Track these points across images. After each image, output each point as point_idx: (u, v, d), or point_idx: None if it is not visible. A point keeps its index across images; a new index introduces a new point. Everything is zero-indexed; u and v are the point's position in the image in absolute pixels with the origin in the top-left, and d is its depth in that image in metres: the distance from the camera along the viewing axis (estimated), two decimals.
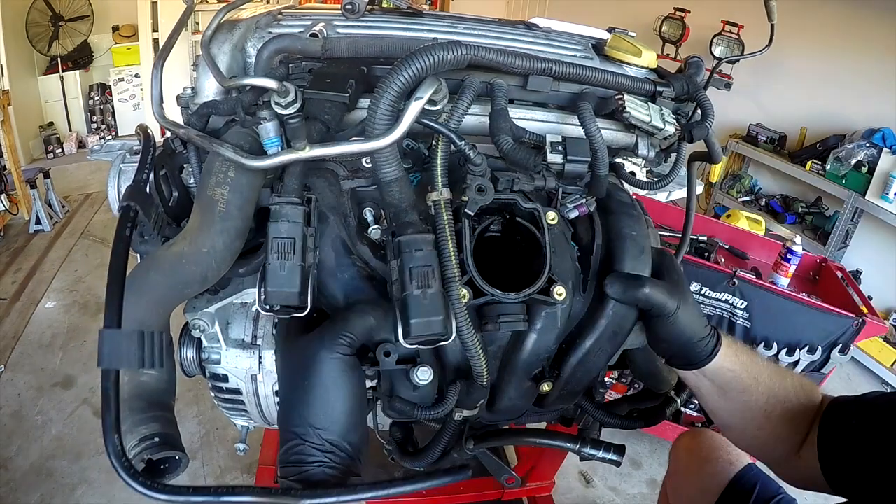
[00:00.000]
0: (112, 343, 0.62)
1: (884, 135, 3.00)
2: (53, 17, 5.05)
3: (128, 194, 0.72)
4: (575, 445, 0.78)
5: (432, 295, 0.70)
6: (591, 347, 0.82)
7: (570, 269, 0.81)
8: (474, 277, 0.71)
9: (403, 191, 0.75)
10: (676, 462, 1.35)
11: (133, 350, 0.63)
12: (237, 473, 2.17)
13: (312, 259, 0.75)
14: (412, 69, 0.68)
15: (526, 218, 0.77)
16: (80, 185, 4.58)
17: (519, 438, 0.80)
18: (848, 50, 3.35)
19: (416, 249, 0.71)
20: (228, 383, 0.92)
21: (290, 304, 0.72)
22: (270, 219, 0.72)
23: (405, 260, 0.71)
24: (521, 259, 0.80)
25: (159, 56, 0.83)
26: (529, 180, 0.81)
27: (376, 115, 0.70)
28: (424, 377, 0.80)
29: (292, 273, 0.71)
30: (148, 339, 0.64)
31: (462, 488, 1.93)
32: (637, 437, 2.48)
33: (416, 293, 0.69)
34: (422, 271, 0.70)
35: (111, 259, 0.66)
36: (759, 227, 2.86)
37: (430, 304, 0.70)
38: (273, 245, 0.71)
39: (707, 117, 0.88)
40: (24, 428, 2.29)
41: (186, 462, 0.71)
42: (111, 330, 0.61)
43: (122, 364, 0.63)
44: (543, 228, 0.75)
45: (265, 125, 0.69)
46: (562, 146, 0.78)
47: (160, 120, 0.80)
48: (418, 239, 0.72)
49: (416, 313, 0.69)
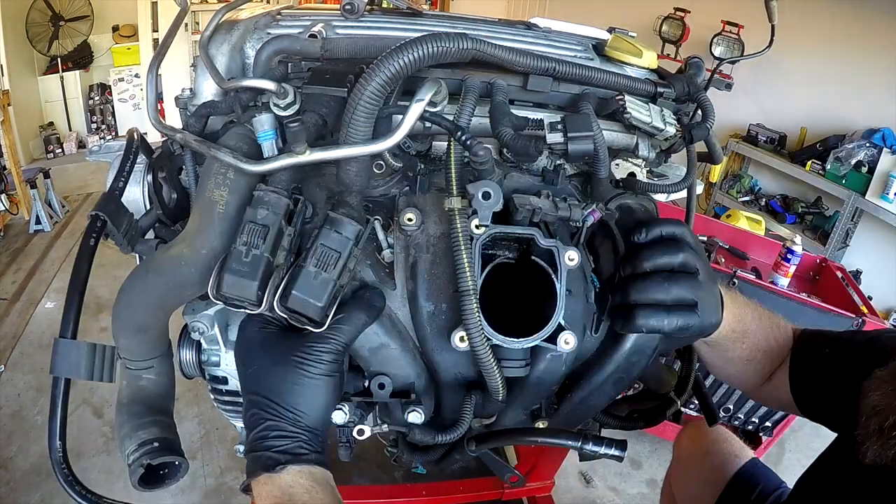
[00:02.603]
0: (64, 353, 0.64)
1: (884, 135, 2.99)
2: (53, 17, 5.05)
3: (99, 203, 0.71)
4: (577, 443, 0.77)
5: (324, 279, 0.66)
6: (594, 390, 0.78)
7: (584, 311, 0.76)
8: None
9: (359, 174, 0.72)
10: (679, 454, 1.35)
11: (83, 362, 0.65)
12: (237, 473, 2.17)
13: (283, 260, 0.69)
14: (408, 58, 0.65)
15: (542, 257, 0.72)
16: (80, 185, 4.58)
17: (520, 438, 0.79)
18: (848, 50, 3.35)
19: (336, 230, 0.68)
20: (228, 385, 0.92)
21: (245, 298, 0.65)
22: (250, 204, 0.67)
23: (321, 234, 0.68)
24: (534, 288, 0.75)
25: (154, 60, 0.82)
26: (553, 209, 0.75)
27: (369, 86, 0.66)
28: (416, 419, 0.79)
29: (256, 263, 0.65)
30: (99, 352, 0.65)
31: (462, 488, 1.93)
32: (637, 438, 2.48)
33: (311, 269, 0.66)
34: (328, 253, 0.67)
35: (73, 268, 0.67)
36: (759, 227, 2.86)
37: (317, 286, 0.66)
38: (244, 229, 0.65)
39: (707, 118, 0.88)
40: (24, 428, 2.29)
41: (186, 467, 0.71)
42: (65, 340, 0.63)
43: (71, 373, 0.65)
44: (561, 271, 0.69)
45: (259, 118, 0.68)
46: (560, 125, 0.75)
47: (156, 125, 0.80)
48: (344, 221, 0.68)
49: (301, 288, 0.65)
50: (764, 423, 2.18)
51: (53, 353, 0.63)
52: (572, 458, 2.00)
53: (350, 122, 0.68)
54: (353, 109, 0.67)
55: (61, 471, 0.60)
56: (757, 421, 2.17)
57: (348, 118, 0.68)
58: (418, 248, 0.78)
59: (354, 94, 0.67)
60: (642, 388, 1.09)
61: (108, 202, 0.72)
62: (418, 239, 0.78)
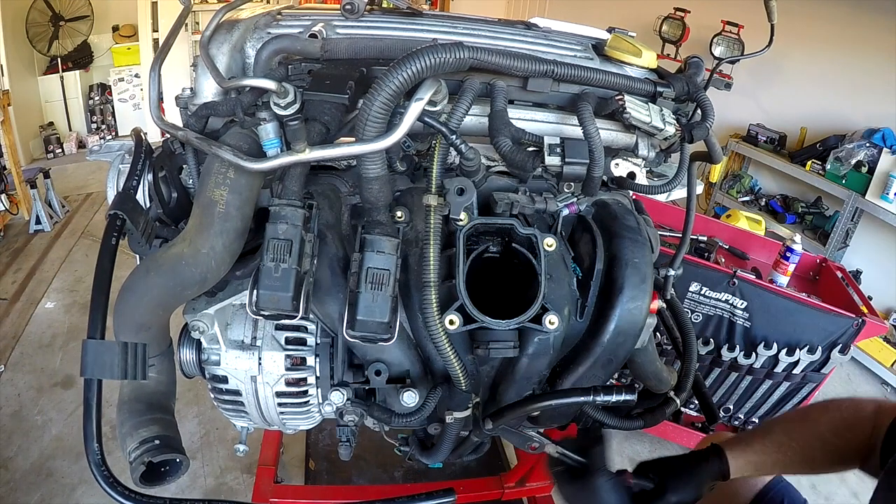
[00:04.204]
0: (95, 353, 0.63)
1: (884, 135, 2.99)
2: (53, 17, 5.05)
3: (115, 202, 0.72)
4: (589, 398, 0.79)
5: (382, 297, 0.72)
6: (585, 373, 0.82)
7: (567, 295, 0.81)
8: (465, 303, 0.71)
9: (382, 190, 0.76)
10: None
11: (116, 361, 0.64)
12: (237, 473, 2.17)
13: (309, 266, 0.73)
14: (411, 69, 0.67)
15: (523, 244, 0.77)
16: (80, 185, 4.58)
17: (533, 406, 0.81)
18: (848, 50, 3.35)
19: (378, 251, 0.73)
20: (228, 384, 0.92)
21: (281, 309, 0.70)
22: (269, 220, 0.71)
23: (365, 258, 0.72)
24: (520, 280, 0.79)
25: (156, 59, 0.83)
26: (530, 203, 0.81)
27: (370, 112, 0.69)
28: (411, 401, 0.82)
29: (286, 276, 0.69)
30: (131, 351, 0.65)
31: (462, 488, 1.92)
32: (637, 438, 2.48)
33: (368, 292, 0.71)
34: (378, 273, 0.72)
35: (96, 268, 0.67)
36: (759, 227, 2.86)
37: (377, 305, 0.72)
38: (269, 246, 0.69)
39: (707, 117, 0.88)
40: (24, 428, 2.29)
41: (187, 464, 0.71)
42: (94, 340, 0.62)
43: (104, 374, 0.64)
44: (540, 255, 0.74)
45: (265, 126, 0.69)
46: (560, 148, 0.78)
47: (158, 123, 0.80)
48: (382, 240, 0.73)
49: (364, 312, 0.71)
50: None
51: (83, 355, 0.62)
52: None
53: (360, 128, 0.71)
54: (362, 131, 0.70)
55: (101, 473, 0.60)
56: (757, 421, 2.17)
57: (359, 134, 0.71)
58: (408, 243, 0.82)
59: (360, 117, 0.70)
60: (642, 387, 1.09)
61: (125, 201, 0.73)
62: (408, 235, 0.82)
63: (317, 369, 0.90)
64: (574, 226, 0.89)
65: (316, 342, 0.90)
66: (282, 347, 0.89)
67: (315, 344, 0.90)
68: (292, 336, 0.89)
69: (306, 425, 1.02)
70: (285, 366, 0.89)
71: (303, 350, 0.89)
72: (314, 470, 2.17)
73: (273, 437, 2.02)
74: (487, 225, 0.77)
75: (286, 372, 0.89)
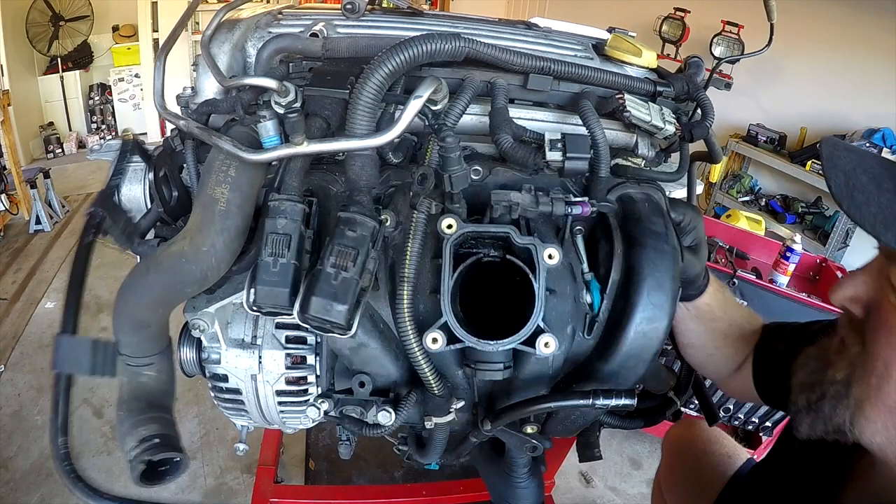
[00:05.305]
0: (66, 348, 0.64)
1: (884, 135, 3.00)
2: (53, 17, 5.05)
3: (95, 201, 0.72)
4: (588, 400, 0.74)
5: (345, 279, 0.63)
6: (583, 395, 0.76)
7: (572, 312, 0.74)
8: (449, 321, 0.65)
9: (365, 169, 0.72)
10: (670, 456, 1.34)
11: (85, 357, 0.65)
12: (237, 473, 2.17)
13: (307, 263, 0.70)
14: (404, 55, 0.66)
15: (521, 255, 0.69)
16: (80, 185, 4.58)
17: (533, 407, 0.77)
18: (848, 50, 3.35)
19: (350, 228, 0.66)
20: (228, 383, 0.92)
21: (279, 305, 0.66)
22: (268, 215, 0.68)
23: (335, 234, 0.66)
24: (525, 287, 0.72)
25: (163, 47, 0.83)
26: (534, 204, 0.72)
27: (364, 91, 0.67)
28: (385, 421, 0.78)
29: (285, 271, 0.65)
30: (101, 348, 0.66)
31: (462, 488, 1.92)
32: (637, 437, 2.48)
33: (330, 271, 0.63)
34: (345, 251, 0.64)
35: (72, 265, 0.68)
36: (759, 227, 2.86)
37: (338, 288, 0.63)
38: (267, 241, 0.66)
39: (707, 117, 0.88)
40: (24, 428, 2.29)
41: (187, 463, 0.71)
42: (66, 336, 0.63)
43: (73, 369, 0.66)
44: (538, 269, 0.66)
45: (265, 123, 0.69)
46: (560, 143, 0.75)
47: (161, 111, 0.80)
48: (357, 219, 0.67)
49: (321, 292, 0.63)
50: (764, 423, 2.17)
51: (55, 350, 0.63)
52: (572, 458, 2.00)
53: (350, 117, 0.69)
54: (354, 106, 0.68)
55: (64, 467, 0.60)
56: (757, 421, 2.17)
57: (349, 114, 0.69)
58: (396, 248, 0.77)
59: (354, 91, 0.68)
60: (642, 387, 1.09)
61: (105, 200, 0.73)
62: (396, 240, 0.77)
63: (317, 368, 0.90)
64: (595, 225, 0.81)
65: (316, 340, 0.90)
66: (282, 346, 0.89)
67: (315, 342, 0.90)
68: (292, 334, 0.89)
69: (306, 424, 1.02)
70: (286, 364, 0.89)
71: (303, 348, 0.89)
72: (314, 470, 2.17)
73: (273, 437, 2.02)
74: (479, 233, 0.70)
75: (286, 370, 0.89)
